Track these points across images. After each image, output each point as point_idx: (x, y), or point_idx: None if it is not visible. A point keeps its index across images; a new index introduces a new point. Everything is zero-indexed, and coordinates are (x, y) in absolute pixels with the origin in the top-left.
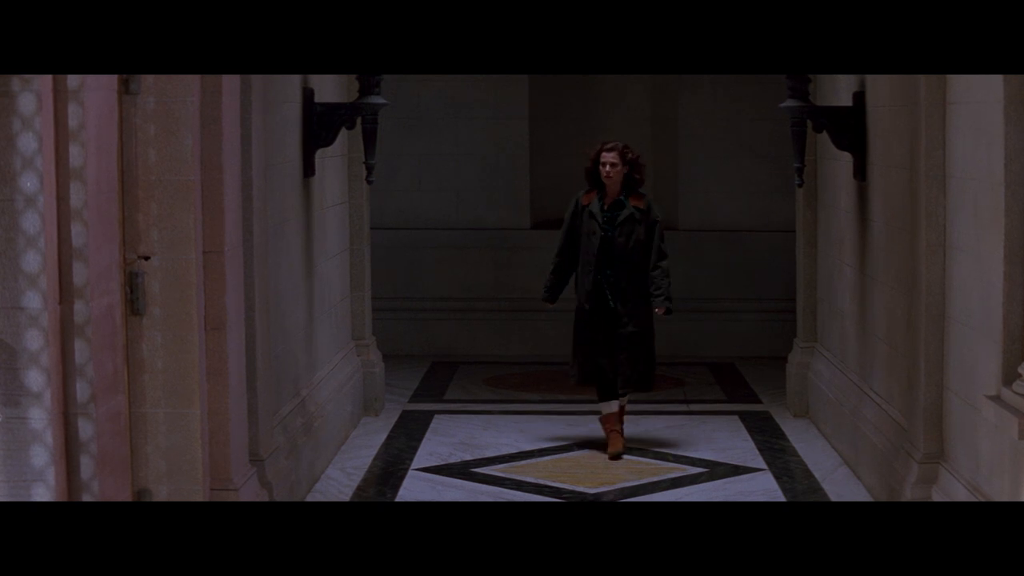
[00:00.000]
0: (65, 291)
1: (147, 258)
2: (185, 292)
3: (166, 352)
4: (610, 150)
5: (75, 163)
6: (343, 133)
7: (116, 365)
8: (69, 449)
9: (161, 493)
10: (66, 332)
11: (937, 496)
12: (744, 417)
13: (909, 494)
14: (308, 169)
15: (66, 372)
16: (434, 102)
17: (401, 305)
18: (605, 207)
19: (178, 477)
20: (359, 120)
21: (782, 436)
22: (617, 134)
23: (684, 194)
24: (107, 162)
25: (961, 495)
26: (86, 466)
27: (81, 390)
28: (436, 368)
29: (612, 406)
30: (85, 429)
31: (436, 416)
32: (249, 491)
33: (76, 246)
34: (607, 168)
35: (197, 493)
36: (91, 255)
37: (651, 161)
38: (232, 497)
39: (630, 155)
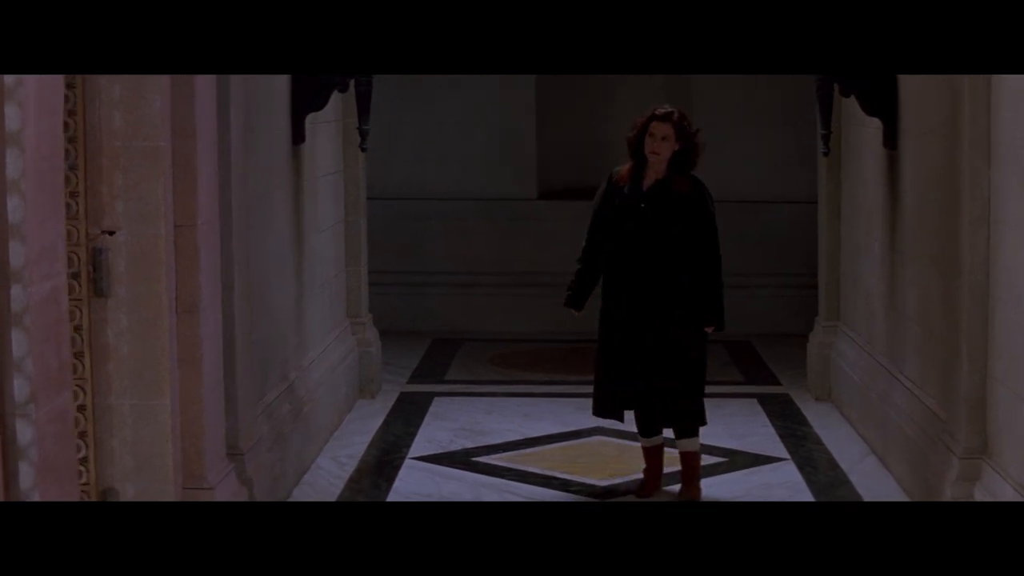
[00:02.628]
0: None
1: (112, 233)
2: (154, 270)
3: (133, 337)
4: (663, 119)
5: (11, 126)
6: (336, 97)
7: (62, 358)
8: (6, 455)
9: (128, 492)
10: (1, 322)
11: (980, 495)
12: (763, 400)
13: (949, 492)
14: (297, 135)
15: (2, 368)
16: None
17: (401, 280)
18: (644, 189)
19: (147, 475)
20: (352, 83)
21: (804, 421)
22: (629, 100)
23: (700, 164)
24: (51, 124)
25: (1008, 495)
26: (25, 475)
27: (19, 388)
28: (437, 346)
29: (654, 440)
30: (24, 433)
31: (436, 399)
32: (226, 489)
33: (12, 222)
34: (655, 142)
35: (167, 492)
36: (30, 232)
37: None
38: (207, 496)
39: (687, 128)
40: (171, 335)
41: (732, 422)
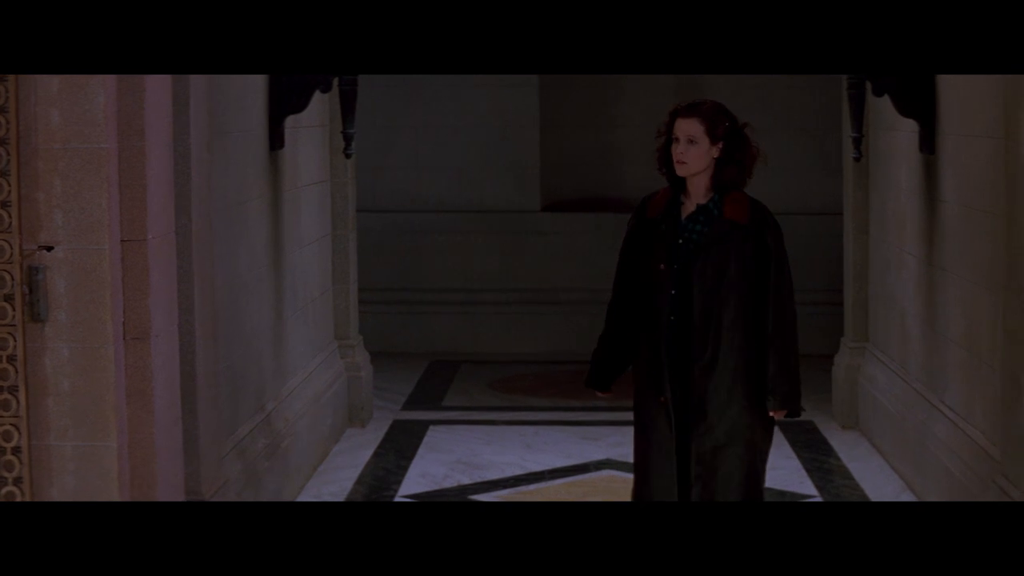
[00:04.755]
0: None
1: (50, 248)
2: (97, 292)
3: (74, 369)
4: (687, 112)
5: None
6: (321, 99)
7: None
8: None
9: None
10: None
11: None
12: (786, 428)
13: None
14: (276, 140)
15: None
16: None
17: (396, 297)
18: (683, 217)
19: None
20: (336, 82)
21: (831, 452)
22: (638, 103)
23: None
24: None
25: None
26: None
27: None
28: (434, 369)
29: None
30: None
31: (432, 427)
32: None
33: None
34: (679, 148)
35: None
36: None
37: None
38: None
39: (726, 124)
40: (118, 366)
41: None
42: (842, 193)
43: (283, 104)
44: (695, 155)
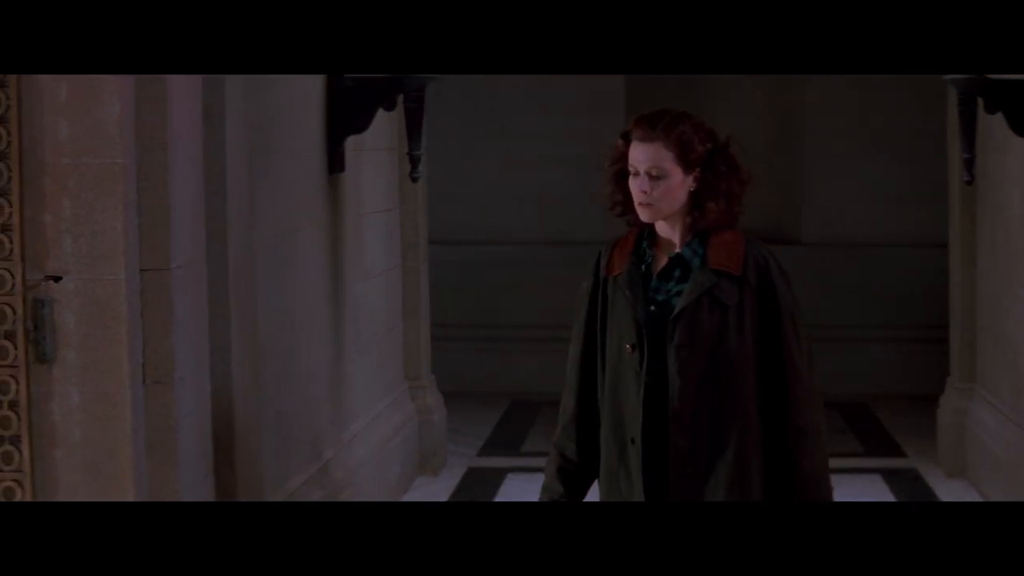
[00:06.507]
0: None
1: (58, 279)
2: (112, 329)
3: (86, 416)
4: (648, 135)
5: None
6: (388, 120)
7: None
8: None
9: None
10: None
11: None
12: (887, 476)
13: None
14: (335, 163)
15: None
16: (513, 93)
17: (472, 334)
18: (654, 272)
19: None
20: (400, 99)
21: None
22: (727, 125)
23: (807, 201)
24: None
25: None
26: None
27: None
28: (514, 410)
29: None
30: None
31: (510, 475)
32: None
33: None
34: (641, 183)
35: None
36: None
37: (766, 162)
38: None
39: (705, 144)
40: (136, 413)
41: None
42: (947, 222)
43: (342, 123)
44: (664, 193)
